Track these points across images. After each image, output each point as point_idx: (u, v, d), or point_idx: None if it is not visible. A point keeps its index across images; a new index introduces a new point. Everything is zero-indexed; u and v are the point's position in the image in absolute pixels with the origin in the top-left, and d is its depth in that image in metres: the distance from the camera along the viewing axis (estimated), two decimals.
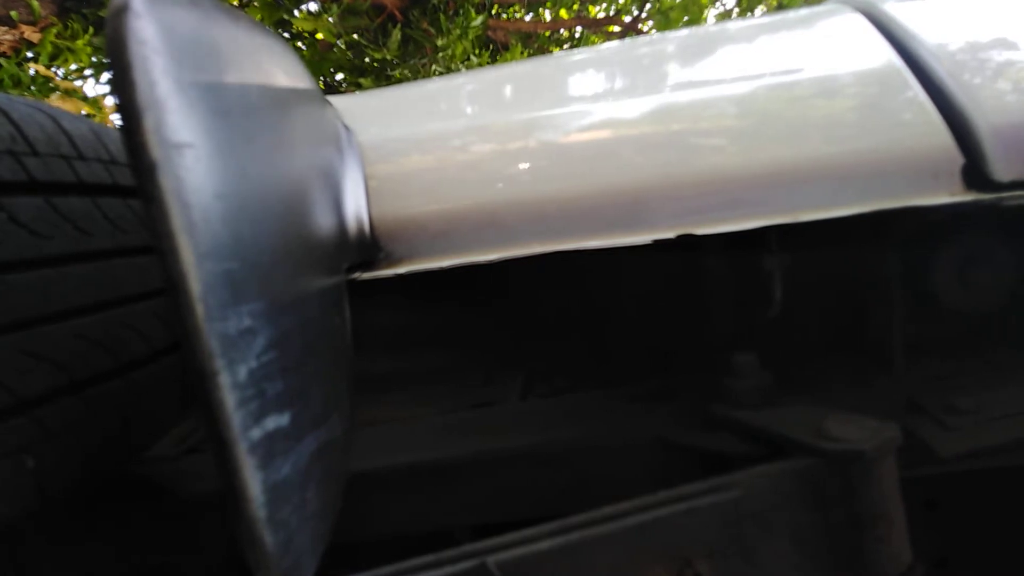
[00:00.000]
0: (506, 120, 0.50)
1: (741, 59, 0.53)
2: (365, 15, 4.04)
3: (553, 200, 0.45)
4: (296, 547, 0.23)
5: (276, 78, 0.33)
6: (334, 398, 0.33)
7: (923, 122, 0.44)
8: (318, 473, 0.27)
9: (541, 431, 0.52)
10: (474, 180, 0.47)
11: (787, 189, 0.44)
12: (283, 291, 0.26)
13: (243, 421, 0.20)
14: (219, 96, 0.24)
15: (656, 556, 0.38)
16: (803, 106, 0.47)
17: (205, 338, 0.19)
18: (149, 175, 0.19)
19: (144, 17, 0.20)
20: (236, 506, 0.20)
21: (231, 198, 0.22)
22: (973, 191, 0.42)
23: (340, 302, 0.38)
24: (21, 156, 0.36)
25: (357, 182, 0.46)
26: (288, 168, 0.31)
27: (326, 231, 0.36)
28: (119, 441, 0.41)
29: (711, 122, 0.47)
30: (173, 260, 0.19)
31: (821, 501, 0.40)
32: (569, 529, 0.38)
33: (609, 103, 0.50)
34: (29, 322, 0.34)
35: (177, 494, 0.50)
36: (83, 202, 0.39)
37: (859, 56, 0.49)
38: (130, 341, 0.41)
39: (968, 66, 0.46)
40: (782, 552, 0.39)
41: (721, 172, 0.45)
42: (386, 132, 0.50)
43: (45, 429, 0.34)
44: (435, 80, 0.63)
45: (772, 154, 0.45)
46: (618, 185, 0.45)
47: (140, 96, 0.19)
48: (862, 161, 0.44)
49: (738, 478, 0.40)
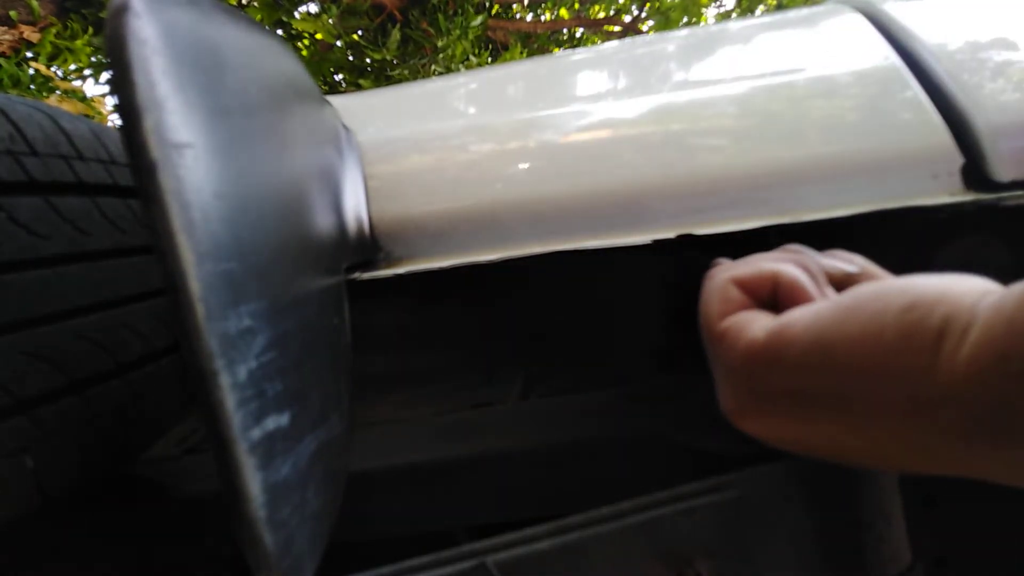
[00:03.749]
0: (506, 120, 0.50)
1: (740, 59, 0.53)
2: (365, 15, 4.04)
3: (553, 200, 0.45)
4: (296, 547, 0.23)
5: (276, 78, 0.33)
6: (334, 398, 0.33)
7: (922, 122, 0.44)
8: (318, 473, 0.27)
9: (541, 431, 0.52)
10: (474, 180, 0.47)
11: (787, 189, 0.44)
12: (283, 291, 0.26)
13: (243, 421, 0.20)
14: (219, 96, 0.24)
15: (656, 556, 0.38)
16: (802, 106, 0.47)
17: (205, 338, 0.19)
18: (149, 175, 0.19)
19: (144, 17, 0.20)
20: (236, 506, 0.20)
21: (231, 198, 0.22)
22: (973, 191, 0.42)
23: (339, 302, 0.38)
24: (20, 156, 0.36)
25: (357, 182, 0.46)
26: (288, 168, 0.31)
27: (326, 231, 0.36)
28: (119, 441, 0.41)
29: (710, 122, 0.47)
30: (172, 260, 0.19)
31: (821, 501, 0.40)
32: (569, 529, 0.38)
33: (609, 103, 0.50)
34: (28, 322, 0.34)
35: (177, 494, 0.50)
36: (82, 202, 0.39)
37: (858, 56, 0.49)
38: (130, 341, 0.41)
39: (968, 66, 0.46)
40: (782, 552, 0.39)
41: (721, 172, 0.45)
42: (386, 132, 0.50)
43: (44, 429, 0.34)
44: (435, 80, 0.63)
45: (772, 154, 0.45)
46: (618, 185, 0.45)
47: (140, 96, 0.19)
48: (861, 161, 0.44)
49: (738, 478, 0.40)
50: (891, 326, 0.21)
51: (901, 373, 0.20)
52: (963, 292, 0.20)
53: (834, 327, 0.22)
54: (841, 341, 0.22)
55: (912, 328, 0.20)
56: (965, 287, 0.21)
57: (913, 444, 0.21)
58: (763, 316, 0.27)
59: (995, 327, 0.18)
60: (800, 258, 0.29)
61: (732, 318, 0.27)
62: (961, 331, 0.19)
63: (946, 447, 0.20)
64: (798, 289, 0.27)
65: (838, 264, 0.29)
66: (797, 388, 0.24)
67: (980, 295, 0.20)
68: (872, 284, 0.24)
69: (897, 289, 0.22)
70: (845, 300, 0.23)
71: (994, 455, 0.19)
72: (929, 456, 0.21)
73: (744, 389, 0.26)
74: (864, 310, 0.22)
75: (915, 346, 0.20)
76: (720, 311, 0.28)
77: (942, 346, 0.19)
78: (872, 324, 0.21)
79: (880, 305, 0.22)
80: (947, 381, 0.19)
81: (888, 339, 0.21)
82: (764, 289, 0.28)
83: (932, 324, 0.20)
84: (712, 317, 0.28)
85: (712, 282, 0.30)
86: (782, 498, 0.40)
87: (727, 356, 0.26)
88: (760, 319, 0.26)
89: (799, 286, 0.27)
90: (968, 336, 0.19)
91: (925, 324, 0.20)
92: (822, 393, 0.23)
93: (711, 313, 0.28)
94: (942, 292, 0.20)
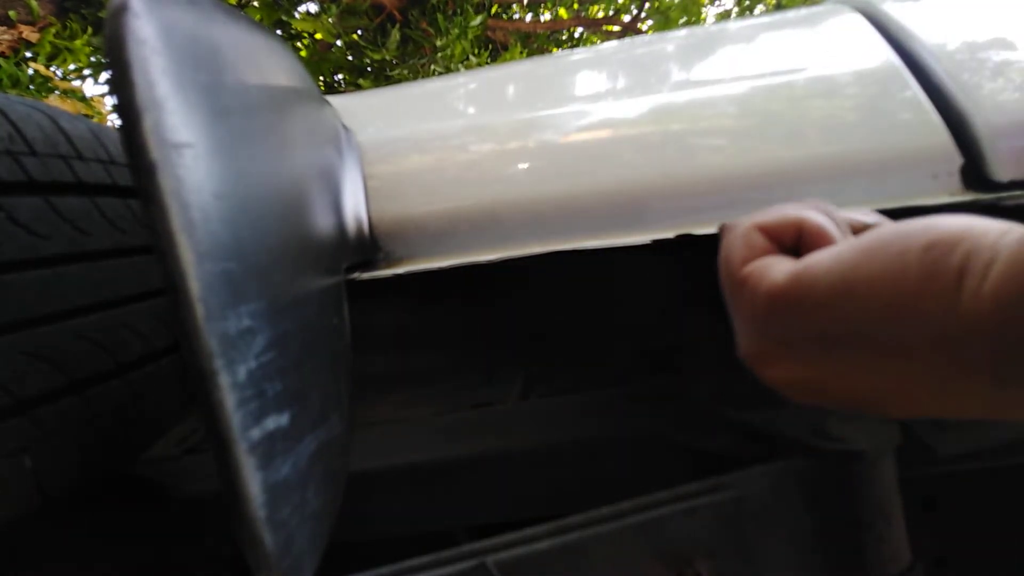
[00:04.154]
0: (505, 120, 0.50)
1: (740, 59, 0.53)
2: (364, 15, 4.04)
3: (552, 200, 0.45)
4: (296, 547, 0.23)
5: (275, 78, 0.33)
6: (334, 398, 0.33)
7: (922, 122, 0.44)
8: (318, 473, 0.27)
9: (541, 431, 0.52)
10: (473, 180, 0.47)
11: (786, 189, 0.44)
12: (282, 291, 0.26)
13: (243, 421, 0.20)
14: (219, 96, 0.24)
15: (656, 556, 0.38)
16: (802, 106, 0.47)
17: (205, 338, 0.19)
18: (148, 175, 0.19)
19: (143, 17, 0.20)
20: (236, 506, 0.20)
21: (230, 198, 0.22)
22: (972, 191, 0.42)
23: (339, 302, 0.38)
24: (19, 156, 0.36)
25: (356, 182, 0.46)
26: (287, 168, 0.31)
27: (325, 231, 0.36)
28: (119, 441, 0.41)
29: (710, 122, 0.47)
30: (172, 260, 0.19)
31: (821, 501, 0.40)
32: (569, 529, 0.38)
33: (608, 103, 0.50)
34: (28, 322, 0.34)
35: (177, 494, 0.50)
36: (82, 202, 0.39)
37: (858, 56, 0.49)
38: (130, 341, 0.41)
39: (967, 66, 0.46)
40: (782, 552, 0.39)
41: (721, 172, 0.45)
42: (385, 132, 0.50)
43: (44, 429, 0.34)
44: (434, 80, 0.63)
45: (771, 154, 0.45)
46: (618, 185, 0.45)
47: (139, 96, 0.19)
48: (861, 161, 0.44)
49: (738, 478, 0.40)
50: (913, 264, 0.21)
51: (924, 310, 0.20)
52: (984, 230, 0.20)
53: (856, 267, 0.22)
54: (863, 280, 0.22)
55: (934, 266, 0.20)
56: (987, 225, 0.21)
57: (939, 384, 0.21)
58: (786, 260, 0.26)
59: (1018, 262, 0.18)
60: (824, 206, 0.29)
61: (755, 263, 0.27)
62: (984, 267, 0.19)
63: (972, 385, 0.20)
64: (824, 235, 0.27)
65: (859, 216, 0.29)
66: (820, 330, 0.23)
67: (1002, 232, 0.20)
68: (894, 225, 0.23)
69: (919, 228, 0.22)
70: (866, 241, 0.23)
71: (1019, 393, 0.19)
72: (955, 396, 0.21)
73: (766, 333, 0.26)
74: (886, 250, 0.22)
75: (937, 283, 0.20)
76: (743, 256, 0.28)
77: (964, 283, 0.19)
78: (894, 263, 0.21)
79: (902, 244, 0.21)
80: (971, 317, 0.19)
81: (910, 277, 0.21)
82: (789, 235, 0.28)
83: (954, 261, 0.20)
84: (735, 263, 0.28)
85: (734, 230, 0.29)
86: (782, 498, 0.40)
87: (749, 300, 0.26)
88: (783, 263, 0.26)
89: (825, 232, 0.27)
90: (991, 271, 0.19)
91: (947, 261, 0.20)
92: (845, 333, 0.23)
93: (734, 259, 0.28)
94: (964, 230, 0.20)
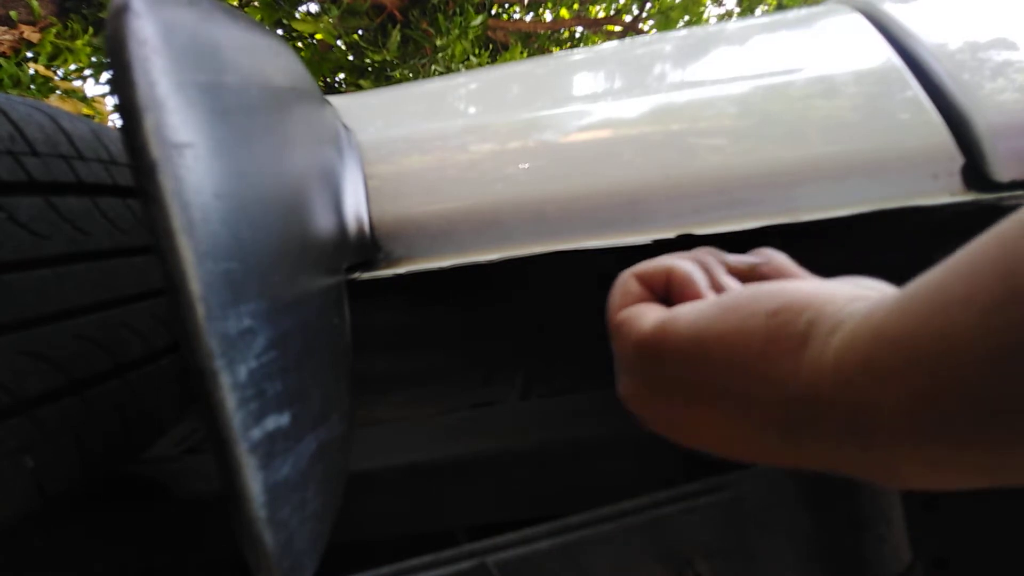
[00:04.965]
0: (506, 120, 0.50)
1: (740, 59, 0.53)
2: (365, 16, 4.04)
3: (553, 200, 0.45)
4: (296, 547, 0.23)
5: (276, 78, 0.33)
6: (334, 398, 0.33)
7: (922, 122, 0.44)
8: (318, 473, 0.27)
9: (541, 431, 0.52)
10: (474, 180, 0.47)
11: (786, 189, 0.44)
12: (283, 291, 0.26)
13: (243, 421, 0.20)
14: (219, 96, 0.24)
15: (656, 556, 0.38)
16: (802, 106, 0.47)
17: (205, 338, 0.19)
18: (149, 175, 0.19)
19: (144, 17, 0.20)
20: (236, 506, 0.20)
21: (231, 198, 0.22)
22: (973, 191, 0.42)
23: (340, 302, 0.38)
24: (20, 156, 0.36)
25: (357, 182, 0.46)
26: (288, 168, 0.31)
27: (326, 231, 0.36)
28: (119, 441, 0.41)
29: (710, 122, 0.47)
30: (173, 260, 0.19)
31: (821, 501, 0.40)
32: (569, 529, 0.38)
33: (609, 103, 0.50)
34: (28, 322, 0.34)
35: (177, 494, 0.50)
36: (82, 202, 0.39)
37: (858, 56, 0.49)
38: (129, 341, 0.41)
39: (968, 66, 0.46)
40: (782, 552, 0.39)
41: (721, 172, 0.45)
42: (386, 132, 0.50)
43: (44, 429, 0.34)
44: (435, 80, 0.63)
45: (771, 154, 0.45)
46: (618, 185, 0.45)
47: (140, 96, 0.19)
48: (861, 161, 0.44)
49: (738, 478, 0.40)
50: (759, 329, 0.22)
51: (766, 372, 0.21)
52: (831, 296, 0.21)
53: (711, 325, 0.24)
54: (716, 338, 0.23)
55: (779, 331, 0.21)
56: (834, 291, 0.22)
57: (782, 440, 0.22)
58: (656, 309, 0.28)
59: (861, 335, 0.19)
60: (698, 254, 0.31)
61: (629, 309, 0.29)
62: (827, 334, 0.20)
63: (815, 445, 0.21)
64: (688, 282, 0.29)
65: (744, 258, 0.31)
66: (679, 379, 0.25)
67: (847, 300, 0.21)
68: (752, 286, 0.25)
69: (769, 293, 0.23)
70: (725, 300, 0.24)
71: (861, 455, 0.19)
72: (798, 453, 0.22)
73: (635, 377, 0.28)
74: (738, 311, 0.23)
75: (780, 349, 0.21)
76: (619, 303, 0.30)
77: (806, 350, 0.20)
78: (743, 325, 0.22)
79: (752, 308, 0.23)
80: (812, 381, 0.20)
81: (756, 341, 0.22)
82: (659, 282, 0.30)
83: (798, 329, 0.21)
84: (613, 308, 0.30)
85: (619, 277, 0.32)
86: (782, 498, 0.40)
87: (621, 345, 0.28)
88: (653, 311, 0.28)
89: (688, 280, 0.29)
90: (832, 339, 0.20)
91: (790, 328, 0.21)
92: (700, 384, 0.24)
93: (612, 304, 0.30)
94: (810, 296, 0.22)
